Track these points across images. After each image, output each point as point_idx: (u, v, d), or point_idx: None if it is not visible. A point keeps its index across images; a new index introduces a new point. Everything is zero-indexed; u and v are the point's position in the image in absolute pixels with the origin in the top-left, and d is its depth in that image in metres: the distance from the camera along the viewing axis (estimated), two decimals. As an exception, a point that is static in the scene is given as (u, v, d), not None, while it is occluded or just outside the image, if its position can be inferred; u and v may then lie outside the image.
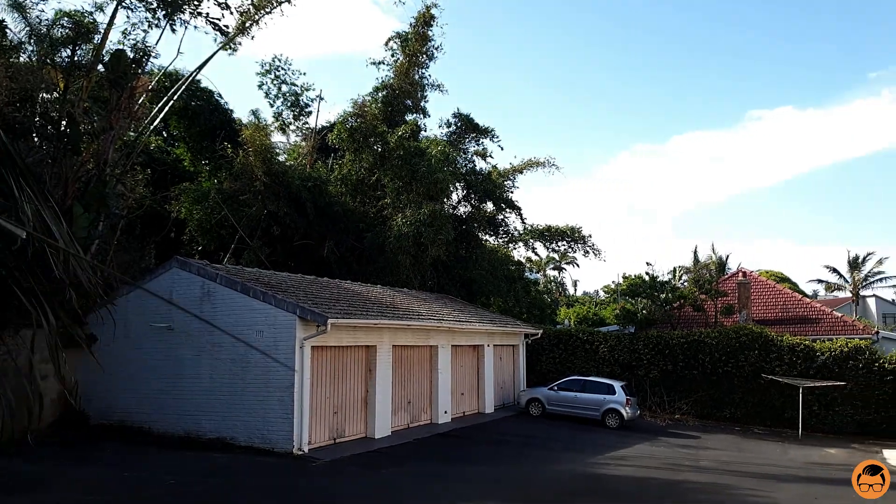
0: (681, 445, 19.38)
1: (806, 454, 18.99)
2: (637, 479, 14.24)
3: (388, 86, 30.95)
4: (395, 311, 19.27)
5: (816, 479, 15.06)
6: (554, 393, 23.57)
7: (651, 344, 26.26)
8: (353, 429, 16.82)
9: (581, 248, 35.03)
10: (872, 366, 22.76)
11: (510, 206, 33.64)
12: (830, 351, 23.54)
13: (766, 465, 16.84)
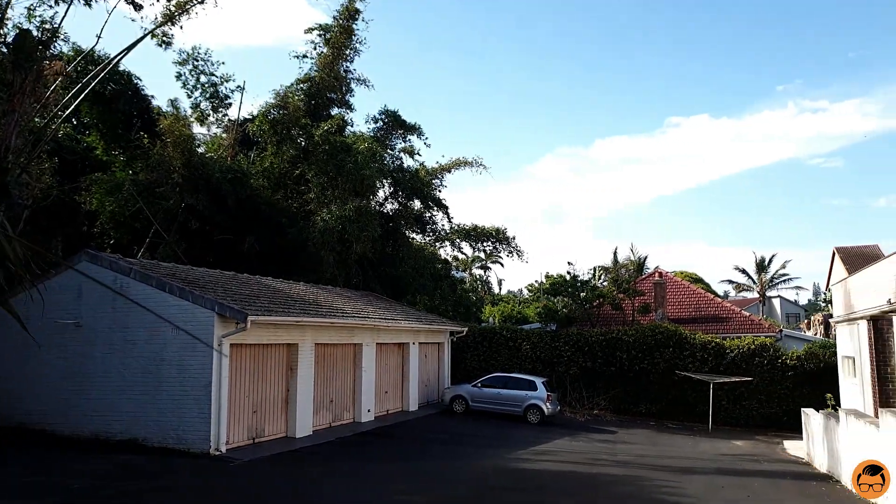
0: (599, 440, 19.94)
1: (715, 446, 19.90)
2: (557, 472, 14.55)
3: (312, 79, 30.30)
4: (318, 308, 18.96)
5: (724, 470, 15.78)
6: (478, 390, 23.79)
7: (571, 341, 26.91)
8: (272, 428, 16.43)
9: (505, 249, 35.63)
10: (776, 362, 24.12)
11: (437, 205, 33.75)
12: (739, 348, 24.79)
13: (679, 457, 17.53)
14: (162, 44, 22.66)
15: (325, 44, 30.45)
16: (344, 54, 30.70)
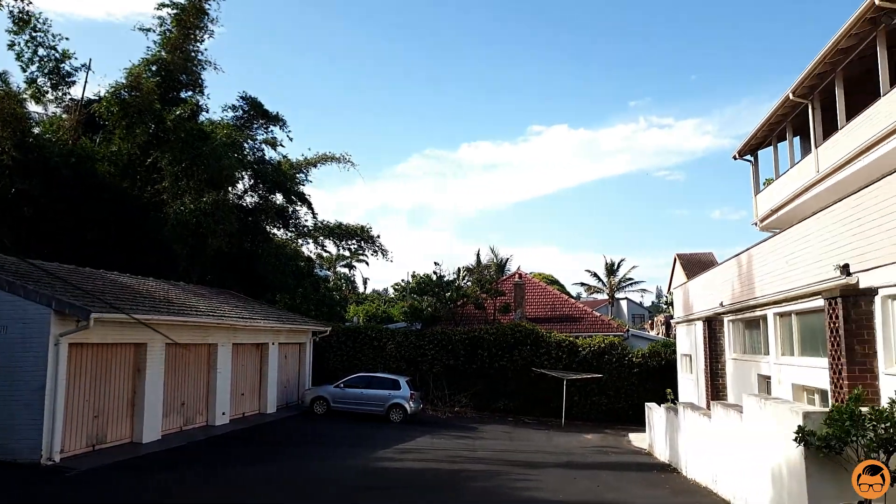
0: (460, 437, 20.26)
1: (568, 440, 20.89)
2: (419, 470, 14.57)
3: (161, 59, 28.03)
4: (170, 306, 17.71)
5: (577, 462, 16.58)
6: (340, 390, 23.38)
7: (436, 340, 27.22)
8: (116, 433, 15.11)
9: (370, 247, 35.36)
10: (623, 360, 25.83)
11: (301, 200, 32.78)
12: (590, 347, 26.28)
13: (535, 451, 18.21)
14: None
15: (176, 23, 28.26)
16: (195, 35, 28.65)
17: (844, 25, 13.87)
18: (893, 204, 8.86)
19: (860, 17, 13.34)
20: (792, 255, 12.42)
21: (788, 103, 17.57)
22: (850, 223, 10.09)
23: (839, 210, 10.57)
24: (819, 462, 7.08)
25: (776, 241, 13.76)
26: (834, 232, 10.65)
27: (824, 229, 11.08)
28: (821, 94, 16.64)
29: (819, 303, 10.79)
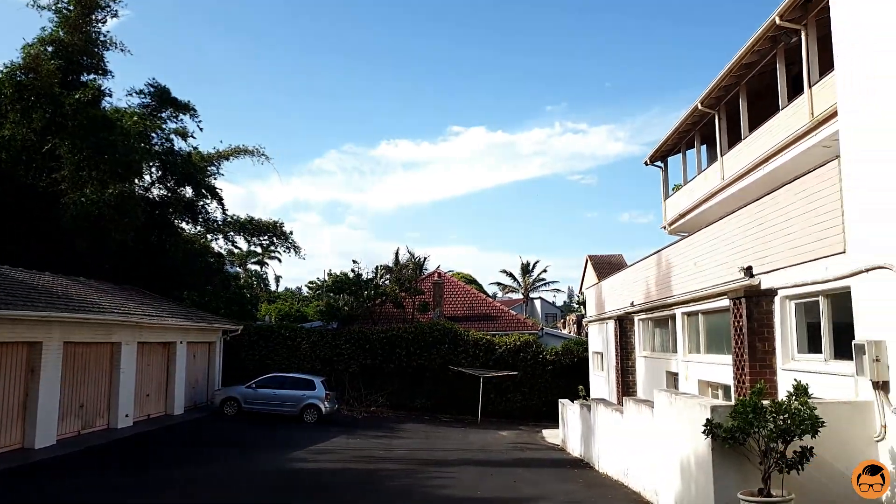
0: (376, 436, 20.08)
1: (484, 437, 21.11)
2: (335, 471, 14.31)
3: (59, 39, 26.07)
4: (68, 302, 16.62)
5: (492, 460, 16.76)
6: (252, 391, 22.70)
7: (353, 339, 26.90)
8: (5, 439, 14.02)
9: (283, 244, 34.47)
10: (538, 357, 26.39)
11: (211, 193, 31.53)
12: (507, 345, 26.70)
13: (452, 449, 18.28)
14: None
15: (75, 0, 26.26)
16: (96, 14, 26.81)
17: (748, 42, 14.67)
18: (791, 211, 9.43)
19: (762, 34, 14.13)
20: (700, 258, 13.02)
21: (697, 113, 18.42)
22: (753, 228, 10.67)
23: (743, 216, 11.16)
24: (724, 453, 7.43)
25: (685, 243, 14.38)
26: (738, 236, 11.24)
27: (730, 233, 11.67)
28: (727, 105, 17.54)
29: (724, 303, 11.35)
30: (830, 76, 11.46)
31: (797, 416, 6.88)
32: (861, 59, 7.93)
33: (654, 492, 9.84)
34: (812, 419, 6.84)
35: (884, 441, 7.23)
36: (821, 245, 8.57)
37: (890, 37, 7.16)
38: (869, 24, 7.72)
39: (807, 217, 8.99)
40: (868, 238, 7.58)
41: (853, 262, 7.85)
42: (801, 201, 9.16)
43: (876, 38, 7.54)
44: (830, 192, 8.41)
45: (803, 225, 9.07)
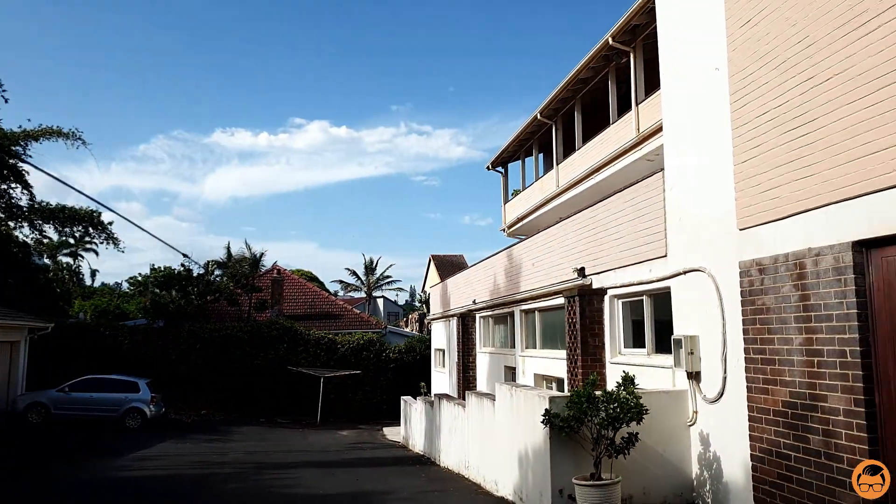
0: (209, 440, 19.02)
1: (324, 438, 20.76)
2: (165, 478, 13.35)
3: None
4: None
5: (333, 460, 16.52)
6: (65, 395, 20.56)
7: (182, 338, 25.29)
8: None
9: (100, 235, 31.49)
10: (381, 356, 26.46)
11: (15, 176, 28.04)
12: (349, 343, 26.49)
13: (290, 451, 17.77)
14: None
15: None
16: None
17: (584, 59, 15.77)
18: (621, 217, 10.25)
19: (597, 53, 15.27)
20: (537, 259, 13.76)
21: (536, 122, 19.48)
22: (587, 232, 11.46)
23: (578, 220, 11.96)
24: (561, 441, 7.90)
25: (524, 245, 15.13)
26: (573, 239, 12.02)
27: (565, 237, 12.45)
28: (563, 116, 18.73)
29: (559, 301, 12.08)
30: (655, 96, 12.63)
31: (625, 404, 7.47)
32: (680, 85, 8.80)
33: (494, 481, 10.22)
34: (638, 407, 7.46)
35: (695, 425, 8.10)
36: (646, 249, 9.40)
37: (703, 70, 8.01)
38: (686, 54, 8.59)
39: (634, 223, 9.81)
40: (685, 244, 8.43)
41: (673, 265, 8.69)
42: (630, 208, 9.98)
43: (691, 68, 8.40)
44: (656, 202, 9.24)
45: (631, 230, 9.89)
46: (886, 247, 5.46)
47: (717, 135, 7.70)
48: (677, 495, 8.11)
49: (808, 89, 6.16)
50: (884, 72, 5.34)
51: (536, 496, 8.29)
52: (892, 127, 5.25)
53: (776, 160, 6.58)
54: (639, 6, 12.98)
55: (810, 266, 6.14)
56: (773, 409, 6.63)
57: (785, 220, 6.49)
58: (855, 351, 5.63)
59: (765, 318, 6.75)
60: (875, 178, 5.41)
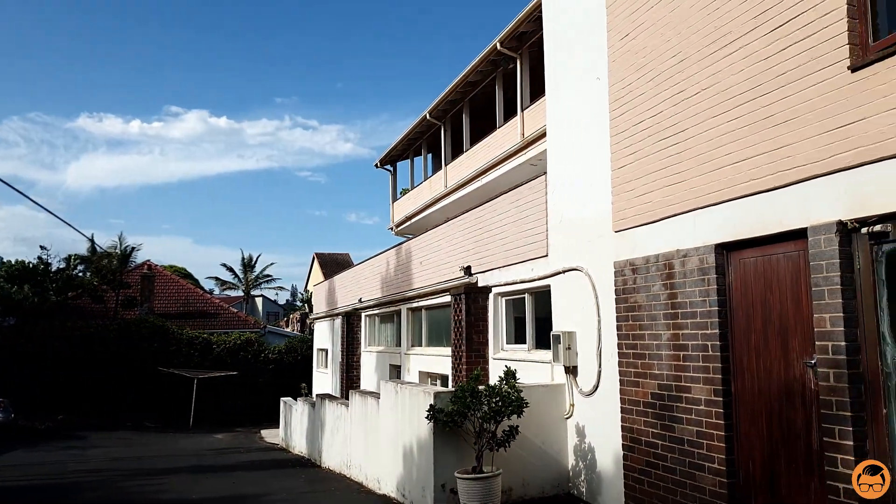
0: (67, 447, 17.61)
1: (197, 442, 19.80)
2: (16, 489, 12.19)
3: None
4: None
5: (205, 466, 15.78)
6: None
7: (37, 338, 23.24)
8: None
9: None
10: (259, 356, 25.62)
11: None
12: (226, 343, 25.43)
13: (159, 456, 16.78)
14: None
15: None
16: None
17: (473, 62, 16.09)
18: (506, 218, 10.54)
19: (485, 57, 15.62)
20: (425, 258, 13.87)
21: (425, 122, 19.64)
22: (474, 232, 11.69)
23: (466, 220, 12.17)
24: (444, 436, 7.99)
25: (412, 244, 15.19)
26: (460, 238, 12.22)
27: (452, 236, 12.63)
28: (452, 118, 19.00)
29: (445, 299, 12.24)
30: (540, 102, 13.09)
31: (507, 398, 7.68)
32: (563, 92, 9.18)
33: (377, 479, 10.18)
34: (519, 401, 7.70)
35: (572, 418, 8.47)
36: (529, 249, 9.72)
37: (585, 78, 8.42)
38: (570, 63, 8.99)
39: (518, 224, 10.12)
40: (565, 244, 8.80)
41: (553, 264, 9.05)
42: (515, 210, 10.28)
43: (574, 76, 8.81)
44: (538, 204, 9.58)
45: (516, 231, 10.19)
46: (743, 249, 5.97)
47: (596, 141, 8.10)
48: (554, 486, 8.44)
49: (679, 101, 6.62)
50: (744, 89, 5.83)
51: (419, 492, 8.34)
52: (750, 140, 5.75)
53: (650, 167, 7.02)
54: (526, 14, 13.41)
55: (678, 266, 6.60)
56: (643, 401, 7.05)
57: (656, 224, 6.93)
58: (716, 345, 6.11)
59: (637, 315, 7.18)
60: (735, 187, 5.90)
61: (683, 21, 6.64)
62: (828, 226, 5.02)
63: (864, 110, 4.79)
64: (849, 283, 4.93)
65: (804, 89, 5.27)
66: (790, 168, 5.36)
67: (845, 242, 4.94)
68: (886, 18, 4.97)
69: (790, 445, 5.45)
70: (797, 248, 5.40)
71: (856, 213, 4.85)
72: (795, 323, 5.43)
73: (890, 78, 4.64)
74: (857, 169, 4.84)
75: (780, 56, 5.49)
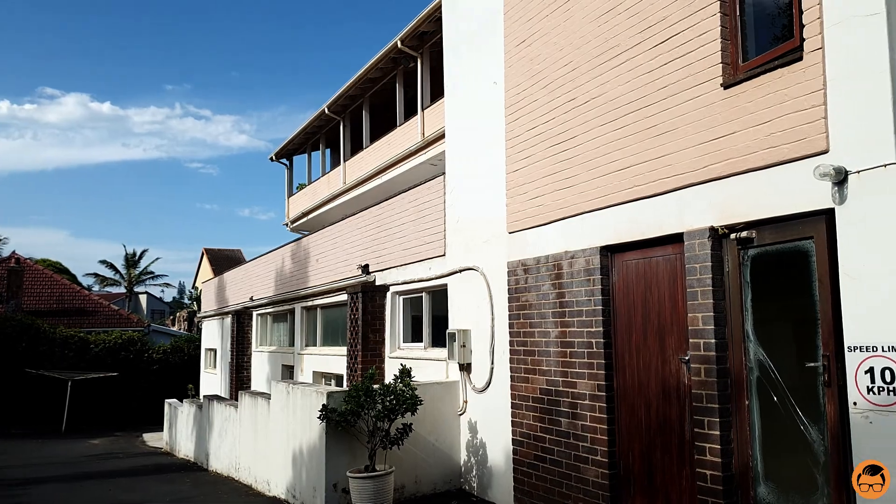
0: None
1: (71, 448, 18.49)
2: None
3: None
4: None
5: (80, 474, 14.79)
6: None
7: None
8: None
9: None
10: (143, 356, 24.27)
11: None
12: (105, 343, 23.91)
13: (28, 465, 15.54)
14: None
15: None
16: None
17: (373, 59, 16.00)
18: (405, 217, 10.57)
19: (385, 54, 15.58)
20: (322, 255, 13.65)
21: (324, 117, 19.33)
22: (372, 230, 11.64)
23: (364, 218, 12.09)
24: (337, 436, 7.91)
25: (309, 241, 14.91)
26: (359, 236, 12.13)
27: (350, 234, 12.52)
28: (352, 113, 18.81)
29: (342, 297, 12.11)
30: (439, 103, 13.22)
31: (401, 396, 7.71)
32: (462, 94, 9.32)
33: (267, 482, 9.93)
34: (413, 399, 7.74)
35: (465, 414, 8.62)
36: (427, 248, 9.79)
37: (483, 82, 8.59)
38: (469, 66, 9.14)
39: (417, 223, 10.18)
40: (462, 244, 8.94)
41: (450, 263, 9.17)
42: (414, 209, 10.33)
43: (473, 79, 8.96)
44: (437, 204, 9.67)
45: (414, 230, 10.24)
46: (626, 252, 6.31)
47: (493, 144, 8.29)
48: (447, 482, 8.56)
49: (570, 109, 6.89)
50: (630, 100, 6.15)
51: (310, 493, 8.21)
52: (634, 148, 6.08)
53: (542, 171, 7.26)
54: (427, 14, 13.48)
55: (566, 267, 6.87)
56: (532, 397, 7.29)
57: (547, 226, 7.18)
58: (600, 342, 6.41)
59: (528, 314, 7.41)
60: (620, 192, 6.22)
61: (576, 31, 6.92)
62: (701, 231, 5.40)
63: (733, 125, 5.19)
64: (719, 285, 5.32)
65: (683, 103, 5.63)
66: (669, 176, 5.71)
67: (716, 247, 5.33)
68: (755, 41, 5.41)
69: (666, 437, 5.81)
70: (675, 251, 5.77)
71: (726, 220, 5.25)
72: (672, 322, 5.79)
73: (756, 96, 5.05)
74: (727, 179, 5.24)
75: (663, 70, 5.83)
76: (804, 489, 4.75)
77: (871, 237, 4.27)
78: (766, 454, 5.02)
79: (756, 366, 5.10)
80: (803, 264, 4.78)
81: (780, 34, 5.18)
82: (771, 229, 5.01)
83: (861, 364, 4.28)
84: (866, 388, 4.25)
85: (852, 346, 4.34)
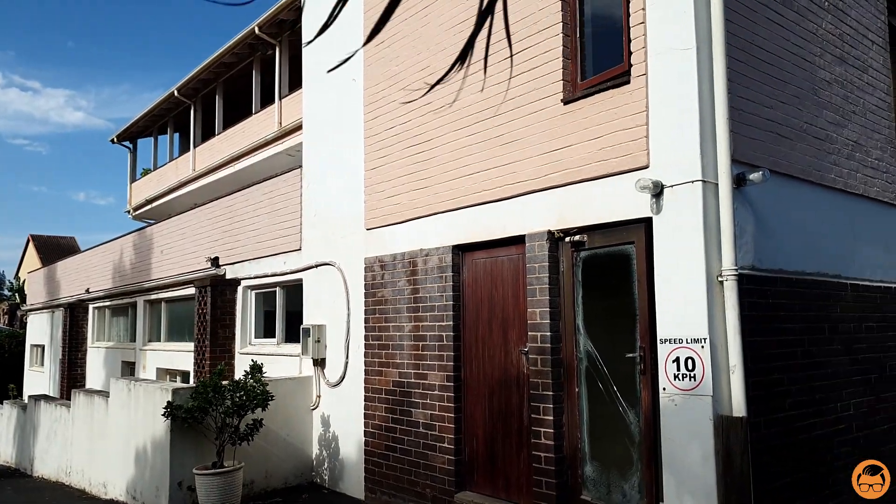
0: None
1: None
2: None
3: None
4: None
5: None
6: None
7: None
8: None
9: None
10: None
11: None
12: None
13: None
14: None
15: None
16: None
17: (229, 43, 15.39)
18: (260, 209, 10.37)
19: (242, 39, 15.05)
20: (168, 246, 13.00)
21: (173, 99, 18.29)
22: (224, 221, 11.28)
23: (215, 208, 11.68)
24: (183, 433, 7.66)
25: (153, 230, 14.13)
26: (209, 227, 11.70)
27: (200, 224, 12.04)
28: (204, 98, 17.96)
29: (189, 291, 11.62)
30: (298, 93, 13.02)
31: (251, 392, 7.62)
32: (321, 88, 9.30)
33: (103, 484, 9.38)
34: (264, 394, 7.68)
35: (318, 409, 8.67)
36: (282, 242, 9.69)
37: (342, 77, 8.64)
38: (328, 60, 9.15)
39: (272, 216, 10.03)
40: (319, 239, 8.96)
41: (307, 258, 9.15)
42: (269, 201, 10.16)
43: (330, 78, 8.98)
44: (293, 197, 9.59)
45: (269, 223, 10.07)
46: (476, 251, 6.69)
47: (352, 141, 8.38)
48: (298, 476, 8.58)
49: (426, 113, 7.16)
50: (482, 108, 6.52)
51: (152, 492, 7.90)
52: (483, 155, 6.46)
53: (399, 171, 7.48)
54: (287, 2, 13.22)
55: (421, 264, 7.15)
56: (385, 389, 7.51)
57: (404, 224, 7.42)
58: (450, 335, 6.75)
59: (383, 309, 7.61)
60: (471, 195, 6.58)
61: (432, 37, 7.19)
62: (540, 234, 5.87)
63: (571, 138, 5.70)
64: (555, 283, 5.82)
65: (528, 115, 6.08)
66: (514, 182, 6.15)
67: (553, 249, 5.83)
68: (592, 62, 5.95)
69: (507, 423, 6.26)
70: (517, 252, 6.22)
71: (562, 225, 5.75)
72: (514, 316, 6.24)
73: (591, 113, 5.58)
74: (564, 188, 5.74)
75: (512, 83, 6.24)
76: (622, 466, 5.35)
77: (678, 245, 4.91)
78: (592, 436, 5.59)
79: (585, 356, 5.65)
80: (626, 266, 5.37)
81: (614, 58, 5.75)
82: (600, 234, 5.57)
83: (670, 354, 4.90)
84: (673, 375, 4.88)
85: (663, 338, 4.96)
